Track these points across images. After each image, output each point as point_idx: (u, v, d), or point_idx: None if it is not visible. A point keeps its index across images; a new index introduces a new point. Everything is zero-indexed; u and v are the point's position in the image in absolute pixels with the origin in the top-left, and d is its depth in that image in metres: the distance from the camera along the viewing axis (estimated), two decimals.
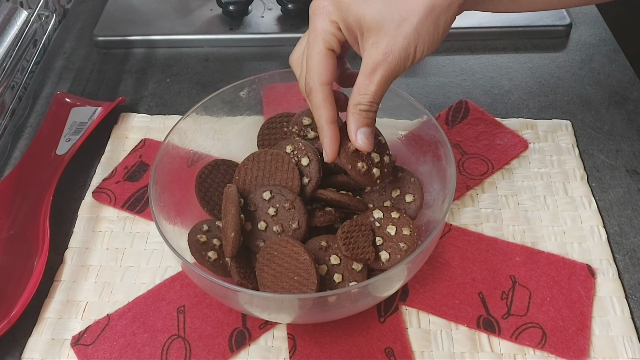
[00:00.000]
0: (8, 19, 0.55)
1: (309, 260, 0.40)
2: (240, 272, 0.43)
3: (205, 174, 0.48)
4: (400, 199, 0.47)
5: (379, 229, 0.45)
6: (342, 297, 0.39)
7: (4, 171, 0.58)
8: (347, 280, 0.43)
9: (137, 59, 0.70)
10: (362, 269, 0.43)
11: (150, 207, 0.42)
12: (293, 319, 0.43)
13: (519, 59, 0.67)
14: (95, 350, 0.44)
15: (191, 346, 0.44)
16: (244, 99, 0.51)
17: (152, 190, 0.43)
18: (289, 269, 0.41)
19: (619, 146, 0.57)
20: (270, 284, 0.41)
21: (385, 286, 0.41)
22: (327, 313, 0.42)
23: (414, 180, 0.47)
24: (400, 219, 0.45)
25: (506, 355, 0.43)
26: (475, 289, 0.47)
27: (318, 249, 0.43)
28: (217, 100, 0.49)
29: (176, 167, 0.47)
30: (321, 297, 0.38)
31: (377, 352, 0.43)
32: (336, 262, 0.43)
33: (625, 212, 0.52)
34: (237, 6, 0.71)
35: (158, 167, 0.45)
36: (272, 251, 0.42)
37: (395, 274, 0.40)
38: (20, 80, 0.66)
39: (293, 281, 0.40)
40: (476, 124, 0.59)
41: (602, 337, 0.44)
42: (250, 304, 0.41)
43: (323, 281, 0.42)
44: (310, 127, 0.49)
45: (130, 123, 0.61)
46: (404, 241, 0.44)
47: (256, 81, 0.51)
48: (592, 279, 0.47)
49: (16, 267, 0.48)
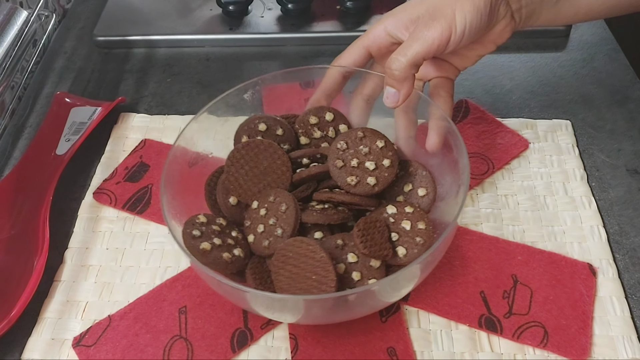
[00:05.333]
0: (8, 19, 0.55)
1: (325, 258, 0.39)
2: (256, 278, 0.42)
3: (214, 182, 0.48)
4: (413, 193, 0.47)
5: (393, 224, 0.44)
6: (365, 294, 0.39)
7: (4, 171, 0.58)
8: (365, 278, 0.42)
9: (137, 58, 0.70)
10: (380, 266, 0.42)
11: (162, 212, 0.42)
12: (312, 320, 0.43)
13: (520, 59, 0.67)
14: (97, 351, 0.44)
15: (193, 347, 0.44)
16: (248, 101, 0.51)
17: (165, 197, 0.43)
18: (305, 269, 0.40)
19: (620, 145, 0.57)
20: (287, 286, 0.41)
21: (408, 280, 0.41)
22: (345, 312, 0.41)
23: (426, 173, 0.47)
24: (414, 213, 0.44)
25: (506, 355, 0.43)
26: (477, 288, 0.47)
27: (334, 247, 0.43)
28: (221, 104, 0.49)
29: (179, 169, 0.47)
30: (342, 296, 0.38)
31: (380, 352, 0.43)
32: (354, 260, 0.42)
33: (625, 211, 0.52)
34: (237, 6, 0.71)
35: (168, 172, 0.44)
36: (286, 253, 0.41)
37: (421, 265, 0.39)
38: (20, 80, 0.66)
39: (311, 280, 0.40)
40: (477, 123, 0.59)
41: (602, 337, 0.44)
42: (270, 307, 0.41)
43: (342, 280, 0.41)
44: (317, 126, 0.49)
45: (130, 123, 0.61)
46: (420, 235, 0.43)
47: (259, 82, 0.50)
48: (594, 278, 0.47)
49: (16, 267, 0.48)
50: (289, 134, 0.49)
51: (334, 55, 0.49)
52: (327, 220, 0.44)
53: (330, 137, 0.50)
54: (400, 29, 0.45)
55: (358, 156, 0.45)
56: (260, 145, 0.46)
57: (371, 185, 0.44)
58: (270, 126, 0.49)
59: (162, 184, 0.43)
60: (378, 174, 0.44)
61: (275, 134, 0.49)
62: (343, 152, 0.45)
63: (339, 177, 0.45)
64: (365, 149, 0.45)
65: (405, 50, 0.43)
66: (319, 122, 0.49)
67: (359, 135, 0.46)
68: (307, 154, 0.47)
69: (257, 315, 0.45)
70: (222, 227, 0.45)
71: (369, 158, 0.45)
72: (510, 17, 0.45)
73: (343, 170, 0.45)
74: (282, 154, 0.46)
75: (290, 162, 0.46)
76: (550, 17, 0.47)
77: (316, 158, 0.48)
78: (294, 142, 0.50)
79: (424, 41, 0.42)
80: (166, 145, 0.59)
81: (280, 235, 0.43)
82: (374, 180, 0.44)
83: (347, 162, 0.45)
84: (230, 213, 0.47)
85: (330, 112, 0.49)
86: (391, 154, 0.45)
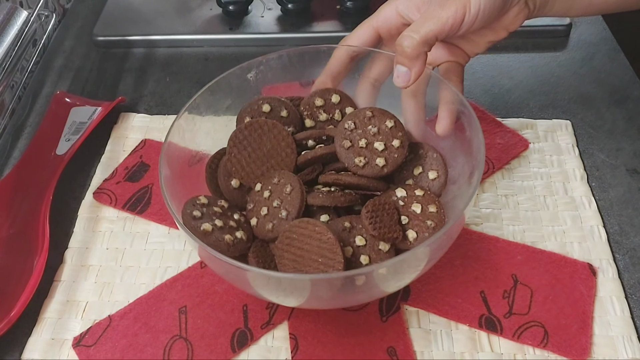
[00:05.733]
0: (8, 18, 0.55)
1: (332, 239, 0.38)
2: (259, 262, 0.41)
3: (216, 164, 0.47)
4: (423, 176, 0.45)
5: (403, 207, 0.43)
6: (373, 277, 0.37)
7: (4, 171, 0.58)
8: (374, 262, 0.40)
9: (136, 58, 0.70)
10: (389, 250, 0.41)
11: (166, 205, 0.40)
12: (317, 304, 0.41)
13: (520, 59, 0.67)
14: (97, 351, 0.44)
15: (193, 346, 0.44)
16: (251, 82, 0.49)
17: (165, 188, 0.41)
18: (311, 250, 0.38)
19: (619, 145, 0.57)
20: (292, 270, 0.39)
21: (418, 260, 0.39)
22: (352, 296, 0.39)
23: (437, 156, 0.45)
24: (425, 196, 0.43)
25: (506, 355, 0.43)
26: (477, 288, 0.47)
27: (341, 230, 0.41)
28: (224, 84, 0.48)
29: (180, 163, 0.46)
30: (349, 277, 0.36)
31: (380, 352, 0.43)
32: (362, 244, 0.40)
33: (625, 211, 0.52)
34: (237, 6, 0.71)
35: (168, 163, 0.43)
36: (291, 235, 0.39)
37: (431, 247, 0.38)
38: (20, 80, 0.66)
39: (317, 263, 0.38)
40: None
41: (602, 337, 0.44)
42: (276, 289, 0.39)
43: (349, 264, 0.40)
44: (323, 108, 0.48)
45: (130, 123, 0.61)
46: (431, 219, 0.42)
47: (263, 62, 0.49)
48: (594, 278, 0.47)
49: (16, 267, 0.48)
50: (293, 116, 0.48)
51: None
52: (333, 203, 0.42)
53: (336, 120, 0.48)
54: (412, 10, 0.44)
55: (366, 136, 0.43)
56: (264, 125, 0.44)
57: (380, 167, 0.43)
58: (274, 107, 0.47)
59: (160, 161, 0.42)
60: (387, 154, 0.43)
61: (280, 116, 0.47)
62: (351, 132, 0.44)
63: (347, 157, 0.43)
64: (374, 129, 0.44)
65: (418, 27, 0.41)
66: (325, 105, 0.48)
67: (367, 115, 0.44)
68: (312, 135, 0.46)
69: (257, 314, 0.45)
70: (224, 210, 0.43)
71: (378, 138, 0.43)
72: (524, 4, 0.44)
73: (351, 151, 0.43)
74: (286, 135, 0.44)
75: (295, 144, 0.45)
76: (565, 7, 0.46)
77: (322, 140, 0.47)
78: (298, 124, 0.48)
79: (438, 19, 0.41)
80: None
81: (284, 217, 0.41)
82: (383, 162, 0.43)
83: (355, 142, 0.43)
84: (232, 196, 0.46)
85: (337, 94, 0.48)
86: (401, 134, 0.44)
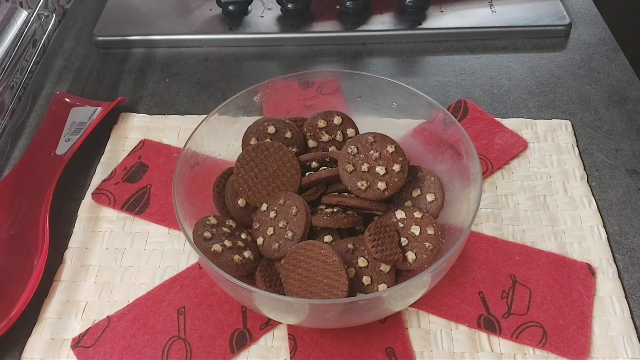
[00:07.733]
0: (8, 19, 0.55)
1: (338, 262, 0.40)
2: (266, 281, 0.43)
3: (223, 183, 0.48)
4: (421, 199, 0.47)
5: (402, 229, 0.44)
6: (376, 300, 0.39)
7: (4, 171, 0.58)
8: (375, 283, 0.42)
9: (136, 59, 0.70)
10: (390, 271, 0.43)
11: (176, 215, 0.42)
12: (319, 324, 0.43)
13: (519, 59, 0.67)
14: (96, 352, 0.44)
15: (192, 347, 0.44)
16: (257, 103, 0.51)
17: (177, 200, 0.43)
18: (317, 272, 0.40)
19: (619, 145, 0.57)
20: (298, 289, 0.41)
21: (419, 288, 0.41)
22: (355, 317, 0.41)
23: (434, 179, 0.47)
24: (423, 218, 0.45)
25: (506, 355, 0.43)
26: (475, 288, 0.47)
27: (345, 251, 0.43)
28: (232, 106, 0.49)
29: (188, 171, 0.47)
30: (353, 302, 0.38)
31: (378, 352, 0.43)
32: (364, 265, 0.42)
33: (625, 211, 0.52)
34: (237, 6, 0.71)
35: (179, 175, 0.45)
36: (297, 256, 0.41)
37: (433, 273, 0.40)
38: (19, 80, 0.66)
39: (322, 284, 0.40)
40: (475, 123, 0.59)
41: (602, 337, 0.44)
42: (281, 310, 0.41)
43: (352, 284, 0.41)
44: (325, 129, 0.50)
45: (130, 123, 0.61)
46: (429, 241, 0.44)
47: (269, 85, 0.51)
48: (593, 278, 0.47)
49: (16, 267, 0.48)
50: (297, 138, 0.50)
51: (333, 55, 0.50)
52: (337, 225, 0.44)
53: (337, 140, 0.50)
54: None
55: (368, 161, 0.45)
56: (270, 147, 0.46)
57: (381, 190, 0.44)
58: (279, 129, 0.49)
59: (174, 186, 0.44)
60: (388, 178, 0.45)
61: (284, 137, 0.49)
62: (354, 157, 0.45)
63: (350, 181, 0.45)
64: (375, 154, 0.45)
65: None
66: (327, 126, 0.50)
67: (369, 140, 0.46)
68: (316, 157, 0.48)
69: (256, 315, 0.46)
70: (232, 229, 0.45)
71: (380, 163, 0.45)
72: None
73: (353, 175, 0.45)
74: (291, 157, 0.46)
75: (300, 166, 0.47)
76: None
77: (324, 162, 0.49)
78: (302, 145, 0.50)
79: None
80: (165, 146, 0.59)
81: (290, 238, 0.43)
82: (384, 185, 0.44)
83: (357, 166, 0.45)
84: (239, 215, 0.47)
85: (339, 116, 0.50)
86: (401, 159, 0.45)
